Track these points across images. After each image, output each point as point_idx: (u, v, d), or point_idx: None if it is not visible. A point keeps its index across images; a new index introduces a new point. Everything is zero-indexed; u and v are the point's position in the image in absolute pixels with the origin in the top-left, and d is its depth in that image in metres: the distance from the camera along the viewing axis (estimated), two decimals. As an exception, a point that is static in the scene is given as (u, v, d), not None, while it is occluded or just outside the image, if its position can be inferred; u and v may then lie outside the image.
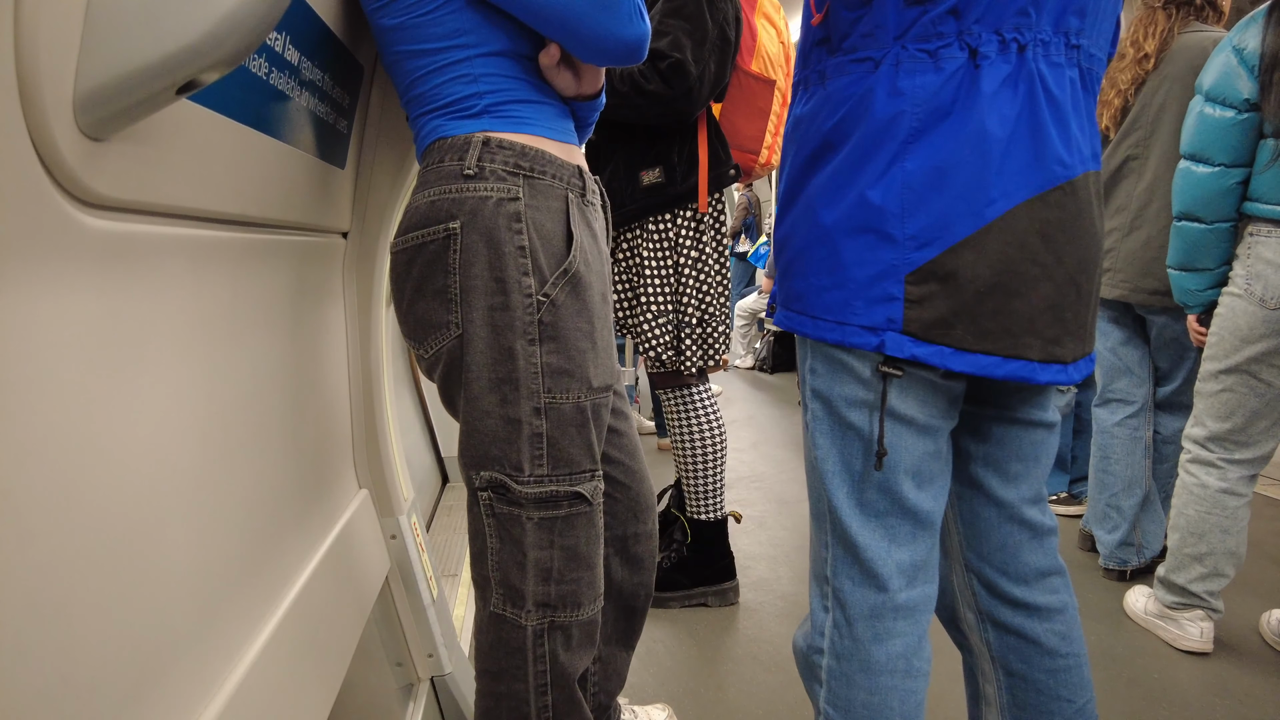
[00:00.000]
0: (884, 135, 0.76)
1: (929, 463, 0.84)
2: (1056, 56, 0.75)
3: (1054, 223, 0.76)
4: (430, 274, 0.87)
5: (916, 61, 0.74)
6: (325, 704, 0.86)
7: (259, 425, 0.79)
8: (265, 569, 0.79)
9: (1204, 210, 1.58)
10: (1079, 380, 0.83)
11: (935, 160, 0.74)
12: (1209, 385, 1.65)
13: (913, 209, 0.75)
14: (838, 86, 0.80)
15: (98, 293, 0.52)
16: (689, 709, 1.49)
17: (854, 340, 0.79)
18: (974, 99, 0.73)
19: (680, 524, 1.98)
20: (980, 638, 0.95)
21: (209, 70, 0.50)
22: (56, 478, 0.47)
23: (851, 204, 0.78)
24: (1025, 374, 0.77)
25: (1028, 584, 0.91)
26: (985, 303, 0.75)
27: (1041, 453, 0.91)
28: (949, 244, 0.74)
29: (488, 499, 0.91)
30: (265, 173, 0.77)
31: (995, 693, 0.94)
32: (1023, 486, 0.91)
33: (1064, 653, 0.90)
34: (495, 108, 0.88)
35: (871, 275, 0.77)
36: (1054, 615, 0.91)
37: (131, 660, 0.54)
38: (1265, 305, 1.52)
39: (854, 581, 0.86)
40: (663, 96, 1.62)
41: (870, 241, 0.77)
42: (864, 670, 0.85)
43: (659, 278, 1.80)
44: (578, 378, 0.89)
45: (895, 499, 0.84)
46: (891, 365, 0.79)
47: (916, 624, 0.86)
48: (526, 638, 0.92)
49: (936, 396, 0.83)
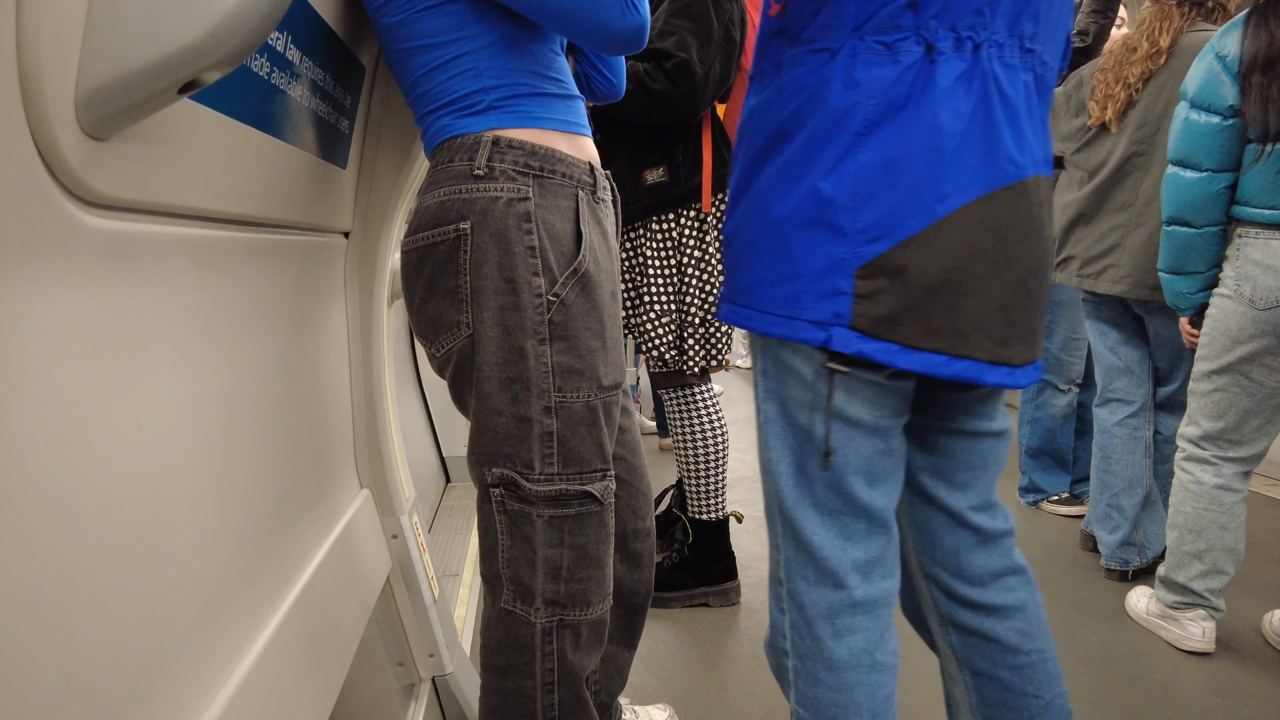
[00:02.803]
0: (838, 126, 0.75)
1: (880, 461, 0.84)
2: (1011, 58, 0.75)
3: (1005, 222, 0.75)
4: (441, 274, 0.87)
5: (873, 54, 0.74)
6: (327, 704, 0.86)
7: (260, 425, 0.79)
8: (267, 568, 0.79)
9: (1193, 215, 1.59)
10: (1026, 385, 0.82)
11: (888, 153, 0.73)
12: (1201, 385, 1.67)
13: (864, 202, 0.74)
14: (793, 77, 0.79)
15: (99, 292, 0.52)
16: (690, 709, 1.49)
17: (801, 335, 0.78)
18: (929, 93, 0.73)
19: (682, 524, 1.98)
20: (944, 641, 0.96)
21: (210, 70, 0.50)
22: (58, 477, 0.47)
23: (803, 195, 0.77)
24: (973, 374, 0.77)
25: (983, 585, 0.91)
26: (934, 300, 0.74)
27: (990, 460, 0.92)
28: (900, 239, 0.74)
29: (499, 495, 0.91)
30: (267, 172, 0.77)
31: (964, 694, 0.95)
32: (971, 494, 0.91)
33: (1026, 649, 0.90)
34: (502, 102, 0.88)
35: (821, 269, 0.76)
36: (1013, 613, 0.91)
37: (133, 660, 0.54)
38: (1254, 306, 1.53)
39: (809, 581, 0.85)
40: (668, 96, 1.63)
41: (821, 234, 0.76)
42: (827, 668, 0.84)
43: (662, 277, 1.80)
44: (588, 377, 0.90)
45: (847, 498, 0.83)
46: (838, 362, 0.77)
47: (877, 618, 0.85)
48: (535, 635, 0.93)
49: (885, 397, 0.82)
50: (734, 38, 1.68)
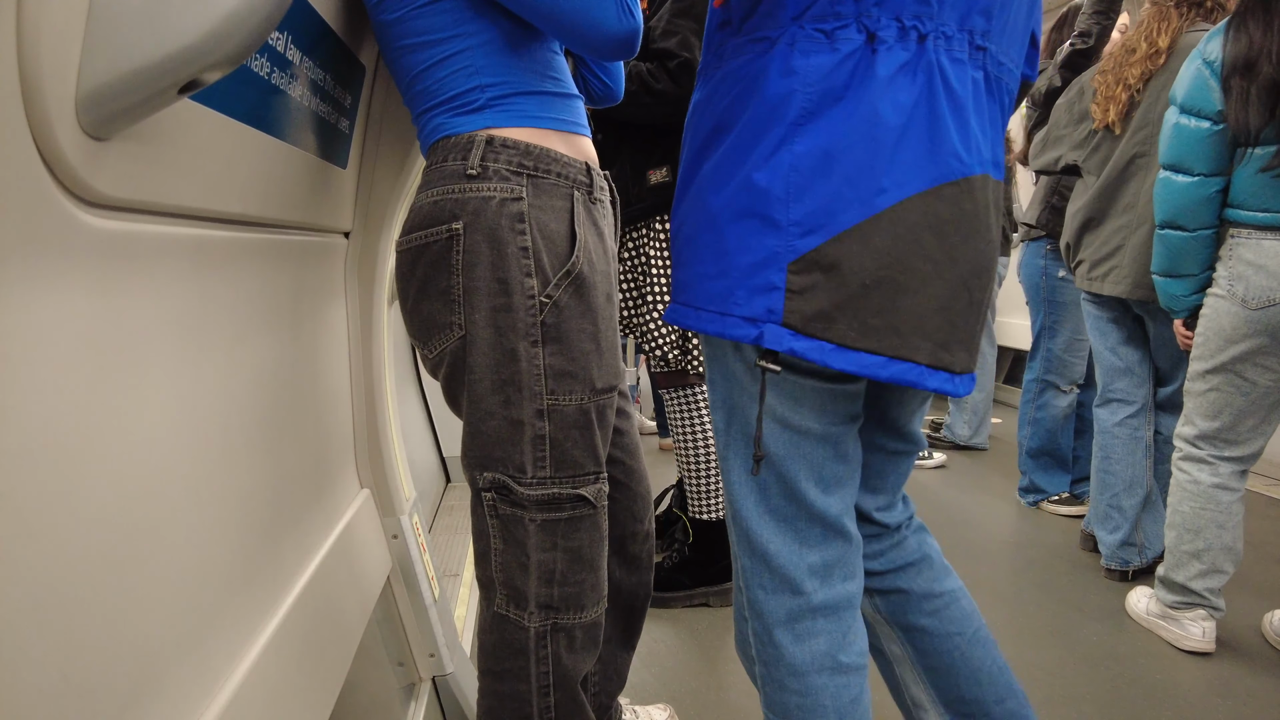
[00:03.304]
0: (773, 116, 0.72)
1: (832, 466, 0.82)
2: (959, 53, 0.72)
3: (948, 219, 0.72)
4: (434, 274, 0.86)
5: (812, 41, 0.71)
6: (327, 704, 0.86)
7: (260, 425, 0.79)
8: (267, 568, 0.79)
9: (1186, 219, 1.60)
10: (964, 394, 0.80)
11: (824, 143, 0.71)
12: (1196, 385, 1.68)
13: (798, 193, 0.71)
14: (733, 68, 0.77)
15: (99, 292, 0.52)
16: (690, 709, 1.49)
17: (733, 332, 0.75)
18: (868, 83, 0.70)
19: (682, 524, 1.98)
20: (870, 607, 0.99)
21: (211, 70, 0.50)
22: (57, 478, 0.47)
23: (737, 187, 0.74)
24: (912, 378, 0.74)
25: (885, 555, 0.96)
26: (871, 297, 0.71)
27: (903, 470, 0.97)
28: (834, 232, 0.71)
29: (491, 500, 0.91)
30: (267, 172, 0.77)
31: (901, 649, 0.98)
32: (879, 498, 0.95)
33: (939, 592, 0.95)
34: (498, 101, 0.87)
35: (754, 263, 0.73)
36: (917, 565, 0.96)
37: (133, 660, 0.54)
38: (1247, 306, 1.54)
39: (766, 590, 0.85)
40: (671, 96, 1.63)
41: (754, 226, 0.73)
42: (791, 673, 0.84)
43: (665, 277, 1.80)
44: (581, 379, 0.89)
45: (801, 504, 0.82)
46: (769, 360, 0.74)
47: (839, 621, 0.85)
48: (529, 639, 0.92)
49: (833, 403, 0.80)
50: None
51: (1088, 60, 2.18)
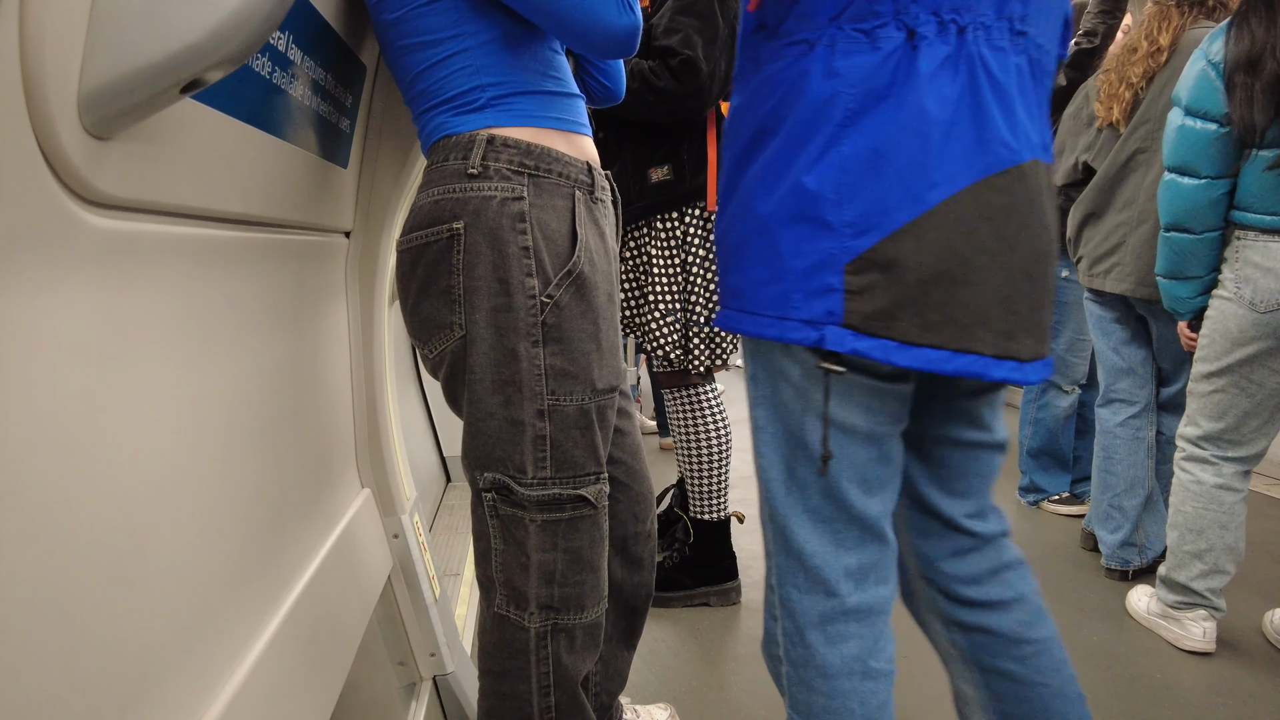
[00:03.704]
0: (819, 118, 0.73)
1: (876, 469, 0.82)
2: (1000, 41, 0.72)
3: (1002, 208, 0.72)
4: (434, 274, 0.86)
5: (852, 42, 0.72)
6: (328, 703, 0.86)
7: (261, 424, 0.79)
8: (268, 568, 0.79)
9: (1192, 221, 1.59)
10: (1036, 382, 0.79)
11: (872, 143, 0.71)
12: (1201, 386, 1.67)
13: (850, 194, 0.71)
14: (772, 72, 0.77)
15: (101, 291, 0.52)
16: (691, 708, 1.49)
17: (793, 335, 0.75)
18: (912, 80, 0.70)
19: (683, 523, 1.97)
20: (948, 639, 0.94)
21: (213, 69, 0.50)
22: (59, 476, 0.47)
23: (787, 191, 0.74)
24: (977, 369, 0.73)
25: (980, 584, 0.90)
26: (930, 292, 0.71)
27: (987, 471, 0.90)
28: (889, 230, 0.71)
29: (491, 500, 0.91)
30: (268, 172, 0.77)
31: (974, 691, 0.94)
32: (967, 502, 0.90)
33: (1030, 639, 0.89)
34: (499, 100, 0.87)
35: (809, 266, 0.73)
36: (1013, 606, 0.89)
37: (135, 659, 0.54)
38: (1255, 309, 1.53)
39: (800, 589, 0.84)
40: (673, 93, 1.62)
41: (807, 230, 0.73)
42: (820, 675, 0.83)
43: (667, 276, 1.79)
44: (582, 379, 0.89)
45: (841, 505, 0.82)
46: (833, 361, 0.74)
47: (872, 625, 0.84)
48: (529, 639, 0.92)
49: (883, 402, 0.79)
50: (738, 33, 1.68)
51: (1094, 59, 2.18)
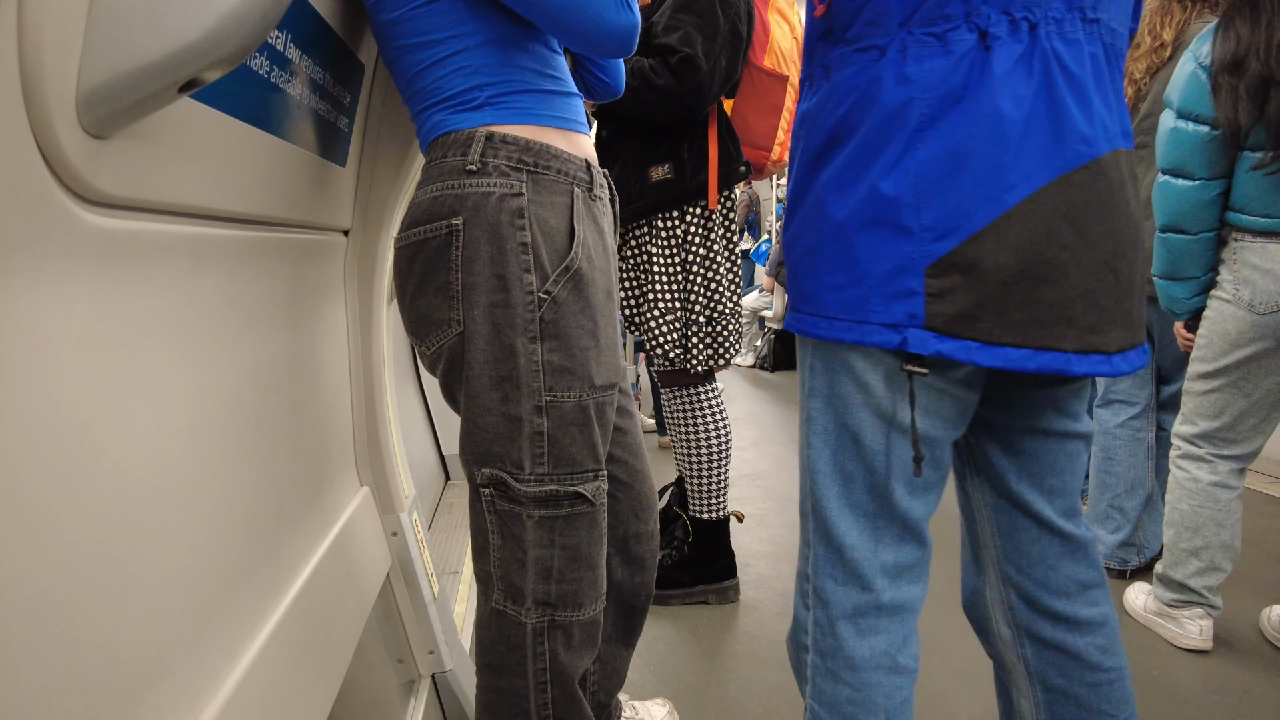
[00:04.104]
0: (894, 124, 0.73)
1: (927, 472, 0.83)
2: (1073, 33, 0.72)
3: (1081, 205, 0.72)
4: (432, 270, 0.86)
5: (924, 46, 0.72)
6: (326, 701, 0.86)
7: (260, 423, 0.80)
8: (266, 566, 0.79)
9: (1188, 222, 1.59)
10: (1127, 373, 0.78)
11: (949, 146, 0.71)
12: (1197, 386, 1.68)
13: (928, 199, 0.72)
14: (843, 78, 0.78)
15: (100, 290, 0.52)
16: (689, 706, 1.50)
17: (874, 339, 0.76)
18: (986, 81, 0.70)
19: (682, 522, 1.98)
20: (1016, 653, 0.93)
21: (211, 68, 0.50)
22: (58, 474, 0.47)
23: (863, 197, 0.75)
24: (1059, 366, 0.73)
25: (1069, 597, 0.88)
26: (1012, 293, 0.72)
27: (1077, 465, 0.89)
28: (968, 233, 0.71)
29: (489, 495, 0.91)
30: (266, 170, 0.77)
31: (1031, 708, 0.92)
32: (1059, 501, 0.88)
33: (1106, 666, 0.87)
34: (497, 99, 0.87)
35: (889, 270, 0.74)
36: (1096, 629, 0.88)
37: (134, 656, 0.54)
38: (1254, 310, 1.53)
39: (836, 581, 0.85)
40: (672, 92, 1.62)
41: (885, 235, 0.74)
42: (848, 667, 0.84)
43: (667, 275, 1.79)
44: (580, 376, 0.89)
45: (886, 503, 0.83)
46: (916, 364, 0.75)
47: (902, 622, 0.85)
48: (526, 635, 0.93)
49: (944, 405, 0.80)
50: (740, 33, 1.67)
51: None
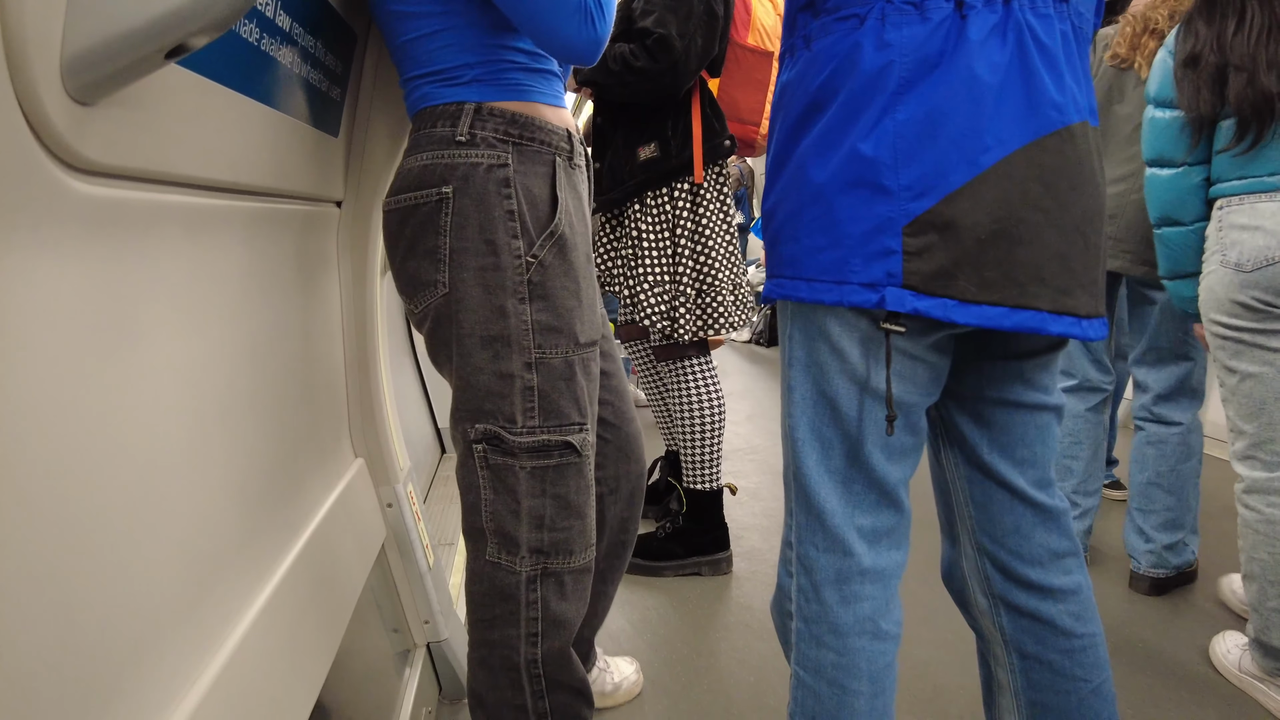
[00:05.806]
0: (873, 88, 0.75)
1: (901, 436, 0.84)
2: (1044, 9, 0.75)
3: (1054, 169, 0.75)
4: (422, 234, 0.89)
5: (902, 14, 0.74)
6: (322, 669, 0.87)
7: (253, 395, 0.80)
8: (262, 536, 0.80)
9: (1179, 211, 1.58)
10: (1095, 339, 0.81)
11: (927, 109, 0.73)
12: (1229, 379, 1.53)
13: (906, 159, 0.74)
14: (823, 46, 0.80)
15: (88, 259, 0.52)
16: (682, 675, 1.52)
17: (853, 299, 0.77)
18: (962, 47, 0.73)
19: (677, 493, 2.00)
20: (993, 622, 0.95)
21: (197, 34, 0.49)
22: (53, 445, 0.47)
23: (843, 159, 0.77)
24: (1035, 324, 0.76)
25: (1042, 566, 0.90)
26: (987, 251, 0.74)
27: (1048, 436, 0.91)
28: (945, 192, 0.74)
29: (482, 450, 0.94)
30: (257, 140, 0.76)
31: (1008, 677, 0.94)
32: (1029, 471, 0.90)
33: (1079, 633, 0.89)
34: (485, 76, 0.90)
35: (868, 230, 0.76)
36: (1068, 596, 0.90)
37: (131, 624, 0.55)
38: (1241, 269, 1.47)
39: (818, 547, 0.87)
40: (649, 72, 1.68)
41: (864, 195, 0.76)
42: (832, 632, 0.86)
43: (657, 250, 1.83)
44: (566, 334, 0.93)
45: (863, 468, 0.84)
46: (893, 322, 0.77)
47: (884, 588, 0.87)
48: (520, 583, 0.95)
49: (917, 371, 0.82)
50: (715, 11, 1.72)
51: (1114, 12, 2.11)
